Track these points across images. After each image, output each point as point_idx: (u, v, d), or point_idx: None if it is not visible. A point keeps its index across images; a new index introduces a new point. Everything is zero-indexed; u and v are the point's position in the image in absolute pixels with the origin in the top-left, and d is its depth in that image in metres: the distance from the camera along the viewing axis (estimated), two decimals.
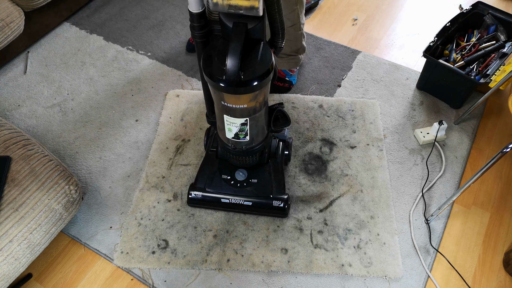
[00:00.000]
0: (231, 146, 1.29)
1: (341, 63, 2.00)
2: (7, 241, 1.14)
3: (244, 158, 1.36)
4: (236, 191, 1.41)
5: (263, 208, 1.42)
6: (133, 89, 1.90)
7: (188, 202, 1.46)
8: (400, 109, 1.82)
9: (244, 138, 1.23)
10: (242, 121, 1.16)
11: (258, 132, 1.26)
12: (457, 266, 1.40)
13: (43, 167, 1.27)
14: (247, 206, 1.41)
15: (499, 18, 1.80)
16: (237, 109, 1.12)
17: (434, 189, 1.57)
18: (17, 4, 1.84)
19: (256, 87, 1.04)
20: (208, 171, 1.45)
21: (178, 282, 1.35)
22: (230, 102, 1.10)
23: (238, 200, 1.40)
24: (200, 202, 1.44)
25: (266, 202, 1.41)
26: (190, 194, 1.43)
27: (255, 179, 1.42)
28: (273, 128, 1.31)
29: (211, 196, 1.42)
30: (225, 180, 1.42)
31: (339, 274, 1.36)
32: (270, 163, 1.44)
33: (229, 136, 1.24)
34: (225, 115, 1.16)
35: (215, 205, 1.45)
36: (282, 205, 1.40)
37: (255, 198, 1.41)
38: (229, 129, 1.20)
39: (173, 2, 2.32)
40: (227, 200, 1.41)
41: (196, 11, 1.04)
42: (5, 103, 1.85)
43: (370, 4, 2.34)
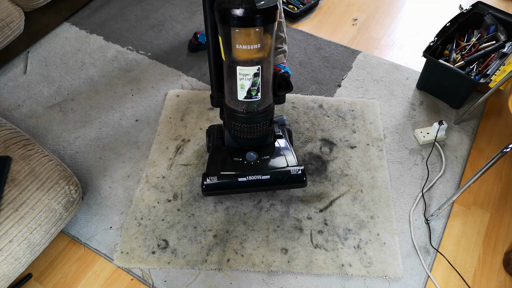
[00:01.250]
0: (243, 110, 1.29)
1: (341, 63, 2.00)
2: (7, 241, 1.14)
3: (256, 127, 1.35)
4: (251, 168, 1.39)
5: (282, 179, 1.38)
6: (133, 89, 1.90)
7: (203, 191, 1.38)
8: (400, 109, 1.82)
9: (256, 96, 1.25)
10: (255, 70, 1.18)
11: (267, 91, 1.28)
12: (457, 266, 1.40)
13: (43, 167, 1.27)
14: (266, 181, 1.37)
15: (499, 18, 1.80)
16: (251, 51, 1.15)
17: (434, 189, 1.57)
18: (17, 4, 1.84)
19: (270, 17, 1.09)
20: (219, 158, 1.43)
21: (178, 282, 1.35)
22: (243, 43, 1.13)
23: (256, 176, 1.37)
24: (217, 187, 1.38)
25: (284, 171, 1.38)
26: (204, 180, 1.37)
27: (266, 156, 1.42)
28: (277, 92, 1.33)
29: (228, 177, 1.37)
30: (237, 162, 1.41)
31: (339, 274, 1.36)
32: (277, 142, 1.47)
33: (242, 96, 1.25)
34: (238, 67, 1.18)
35: (233, 187, 1.39)
36: (300, 172, 1.38)
37: (272, 170, 1.38)
38: (241, 85, 1.22)
39: (173, 2, 2.32)
40: (244, 178, 1.37)
41: None
42: (5, 103, 1.85)
43: (370, 4, 2.34)
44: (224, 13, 1.08)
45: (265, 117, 1.34)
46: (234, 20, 1.08)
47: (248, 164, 1.40)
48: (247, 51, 1.15)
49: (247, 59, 1.18)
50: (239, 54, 1.17)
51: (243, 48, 1.15)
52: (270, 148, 1.45)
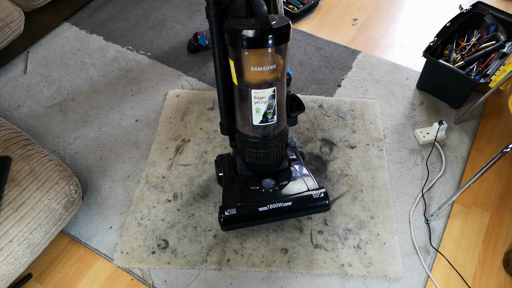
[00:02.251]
0: (259, 135, 1.24)
1: (341, 63, 2.00)
2: (7, 241, 1.14)
3: (273, 151, 1.29)
4: (270, 196, 1.32)
5: (304, 204, 1.31)
6: (133, 89, 1.90)
7: (222, 225, 1.29)
8: (400, 109, 1.82)
9: (272, 119, 1.21)
10: (270, 92, 1.15)
11: (282, 113, 1.24)
12: (457, 266, 1.40)
13: (43, 167, 1.27)
14: (288, 208, 1.30)
15: (499, 18, 1.80)
16: (265, 73, 1.11)
17: (434, 189, 1.57)
18: (17, 4, 1.84)
19: (284, 37, 1.06)
20: (234, 188, 1.35)
21: (178, 282, 1.35)
22: (258, 64, 1.09)
23: (277, 204, 1.30)
24: (237, 219, 1.30)
25: (305, 196, 1.31)
26: (223, 214, 1.28)
27: (284, 181, 1.35)
28: (290, 114, 1.29)
29: (247, 208, 1.30)
30: (255, 191, 1.33)
31: (339, 274, 1.36)
32: (292, 165, 1.41)
33: (257, 121, 1.20)
34: (253, 91, 1.14)
35: (253, 218, 1.31)
36: (323, 195, 1.31)
37: (292, 196, 1.31)
38: (257, 109, 1.18)
39: (173, 2, 2.32)
40: (265, 207, 1.29)
41: None
42: (5, 103, 1.85)
43: (370, 4, 2.34)
44: (235, 35, 1.04)
45: (281, 140, 1.29)
46: (248, 42, 1.04)
47: (267, 192, 1.33)
48: (262, 73, 1.11)
49: (262, 82, 1.13)
50: (253, 77, 1.13)
51: (258, 70, 1.10)
52: (287, 173, 1.38)
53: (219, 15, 1.11)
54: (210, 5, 1.09)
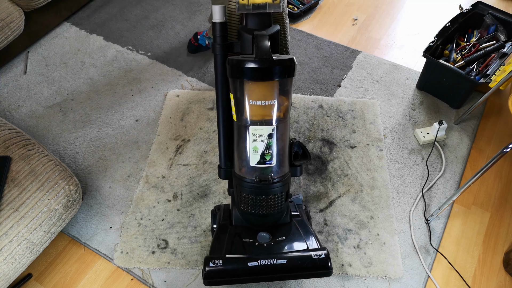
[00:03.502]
0: (255, 178, 1.14)
1: (341, 63, 2.00)
2: (7, 241, 1.14)
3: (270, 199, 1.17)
4: (264, 251, 1.17)
5: (302, 264, 1.15)
6: (133, 89, 1.90)
7: (204, 278, 1.12)
8: (400, 109, 1.82)
9: (270, 162, 1.13)
10: (269, 131, 1.09)
11: (282, 157, 1.16)
12: (457, 266, 1.40)
13: (43, 167, 1.27)
14: (282, 266, 1.14)
15: (499, 18, 1.80)
16: (265, 108, 1.07)
17: (434, 189, 1.57)
18: (17, 4, 1.84)
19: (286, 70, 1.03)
20: (224, 239, 1.22)
21: (178, 282, 1.35)
22: (257, 98, 1.06)
23: (269, 261, 1.14)
24: (222, 273, 1.14)
25: (303, 255, 1.16)
26: (207, 266, 1.12)
27: (282, 237, 1.21)
28: (295, 162, 1.22)
29: (235, 262, 1.15)
30: (247, 244, 1.19)
31: (339, 274, 1.36)
32: (293, 221, 1.27)
33: (254, 161, 1.13)
34: (251, 127, 1.09)
35: (241, 274, 1.15)
36: (323, 256, 1.15)
37: (289, 254, 1.16)
38: (254, 148, 1.11)
39: (173, 2, 2.32)
40: (255, 262, 1.14)
41: (220, 21, 1.10)
42: (5, 103, 1.85)
43: (370, 4, 2.34)
44: (237, 65, 1.03)
45: (280, 187, 1.17)
46: (245, 71, 1.02)
47: (260, 246, 1.18)
48: (261, 107, 1.07)
49: (261, 118, 1.09)
50: (252, 111, 1.08)
51: (256, 104, 1.06)
52: (286, 229, 1.24)
53: (225, 50, 1.12)
54: (216, 39, 1.11)
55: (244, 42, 1.11)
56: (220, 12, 1.10)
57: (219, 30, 1.11)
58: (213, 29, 1.11)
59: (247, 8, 1.04)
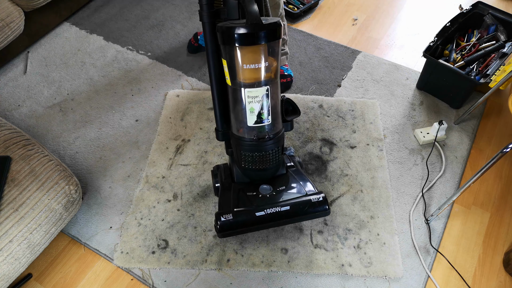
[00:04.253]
0: (254, 137, 1.23)
1: (341, 63, 2.00)
2: (7, 241, 1.14)
3: (269, 154, 1.27)
4: (268, 201, 1.28)
5: (303, 208, 1.27)
6: (133, 89, 1.90)
7: (218, 232, 1.25)
8: (400, 109, 1.82)
9: (267, 119, 1.20)
10: (264, 92, 1.15)
11: (276, 114, 1.24)
12: (457, 266, 1.40)
13: (43, 167, 1.27)
14: (286, 212, 1.26)
15: (499, 18, 1.80)
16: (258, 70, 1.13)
17: (434, 189, 1.57)
18: (17, 4, 1.84)
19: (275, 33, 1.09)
20: (230, 195, 1.32)
21: (178, 282, 1.35)
22: (250, 62, 1.11)
23: (274, 209, 1.26)
24: (233, 225, 1.25)
25: (304, 200, 1.28)
26: (219, 220, 1.24)
27: (282, 187, 1.32)
28: (286, 117, 1.30)
29: (244, 214, 1.26)
30: (251, 197, 1.30)
31: (339, 274, 1.36)
32: (290, 171, 1.38)
33: (251, 121, 1.20)
34: (246, 90, 1.15)
35: (251, 223, 1.27)
36: (321, 199, 1.28)
37: (291, 200, 1.28)
38: (251, 109, 1.18)
39: (173, 2, 2.32)
40: (262, 212, 1.25)
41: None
42: (5, 103, 1.85)
43: (370, 4, 2.34)
44: (228, 32, 1.07)
45: (277, 143, 1.26)
46: (239, 38, 1.06)
47: (264, 198, 1.30)
48: (254, 70, 1.13)
49: (255, 81, 1.15)
50: (246, 76, 1.14)
51: (250, 68, 1.12)
52: (284, 179, 1.35)
53: (212, 17, 1.15)
54: (203, 7, 1.13)
55: (229, 7, 1.14)
56: None
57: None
58: None
59: None
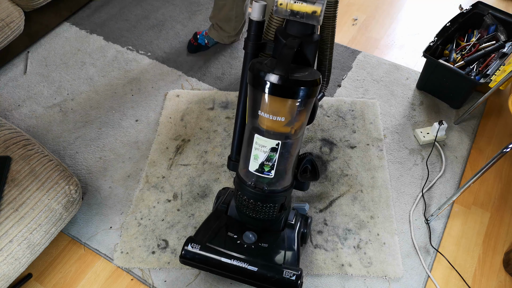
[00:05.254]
0: (251, 183, 1.15)
1: (341, 63, 2.00)
2: (7, 241, 1.14)
3: (261, 207, 1.18)
4: (241, 252, 1.19)
5: (269, 279, 1.15)
6: (133, 89, 1.90)
7: (180, 257, 1.19)
8: (400, 109, 1.82)
9: (268, 173, 1.12)
10: (273, 145, 1.07)
11: (283, 172, 1.15)
12: (457, 266, 1.40)
13: (43, 167, 1.27)
14: (250, 273, 1.16)
15: (499, 18, 1.80)
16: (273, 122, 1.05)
17: (434, 189, 1.57)
18: (17, 4, 1.84)
19: (300, 93, 0.99)
20: (213, 225, 1.25)
21: (178, 282, 1.35)
22: (268, 111, 1.03)
23: (241, 263, 1.16)
24: (196, 258, 1.19)
25: (274, 271, 1.15)
26: (186, 245, 1.18)
27: (265, 244, 1.21)
28: (300, 178, 1.22)
29: (212, 252, 1.18)
30: (230, 238, 1.22)
31: (339, 274, 1.36)
32: (285, 231, 1.26)
33: (253, 168, 1.13)
34: (256, 135, 1.08)
35: (213, 265, 1.19)
36: (294, 278, 1.14)
37: (262, 263, 1.17)
38: (255, 156, 1.10)
39: (173, 2, 2.32)
40: (228, 260, 1.17)
41: (257, 19, 1.06)
42: (5, 103, 1.85)
43: (370, 4, 2.34)
44: (256, 74, 1.00)
45: (273, 199, 1.17)
46: (262, 84, 0.99)
47: (240, 246, 1.20)
48: (267, 120, 1.04)
49: (269, 130, 1.07)
50: (261, 121, 1.06)
51: (263, 116, 1.04)
52: (274, 237, 1.24)
53: (257, 49, 1.09)
54: (250, 37, 1.07)
55: (277, 45, 1.07)
56: (260, 10, 1.05)
57: (254, 29, 1.07)
58: (248, 26, 1.08)
59: (284, 14, 0.99)
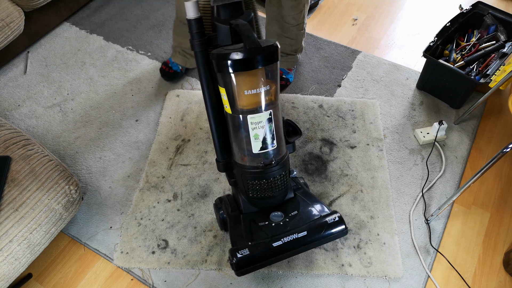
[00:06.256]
0: (261, 164, 1.17)
1: (341, 63, 2.00)
2: (7, 241, 1.14)
3: (277, 180, 1.21)
4: (282, 229, 1.21)
5: (321, 231, 1.21)
6: (133, 89, 1.90)
7: (236, 269, 1.16)
8: (400, 109, 1.82)
9: (272, 144, 1.15)
10: (267, 116, 1.11)
11: (280, 138, 1.19)
12: (457, 266, 1.40)
13: (43, 167, 1.27)
14: (304, 238, 1.19)
15: (499, 18, 1.80)
16: (260, 95, 1.08)
17: (434, 189, 1.57)
18: (17, 4, 1.84)
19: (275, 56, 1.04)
20: (241, 229, 1.24)
21: (178, 282, 1.35)
22: (252, 87, 1.06)
23: (291, 236, 1.18)
24: (251, 260, 1.16)
25: (320, 223, 1.21)
26: (235, 256, 1.15)
27: (294, 211, 1.26)
28: (288, 139, 1.25)
29: (260, 246, 1.18)
30: (265, 226, 1.23)
31: (339, 274, 1.36)
32: (298, 194, 1.33)
33: (257, 148, 1.14)
34: (249, 116, 1.10)
35: (269, 256, 1.18)
36: (338, 219, 1.22)
37: (306, 225, 1.21)
38: (255, 135, 1.13)
39: (173, 2, 2.31)
40: (279, 242, 1.18)
41: (194, 17, 1.07)
42: (5, 103, 1.85)
43: (370, 4, 2.34)
44: (224, 59, 1.01)
45: (283, 167, 1.21)
46: (239, 64, 1.01)
47: (278, 226, 1.22)
48: (256, 95, 1.08)
49: (257, 106, 1.10)
50: (248, 101, 1.09)
51: (252, 93, 1.07)
52: (294, 203, 1.28)
53: (204, 45, 1.09)
54: (194, 36, 1.08)
55: (221, 33, 1.09)
56: (194, 7, 1.06)
57: (196, 27, 1.08)
58: (189, 26, 1.08)
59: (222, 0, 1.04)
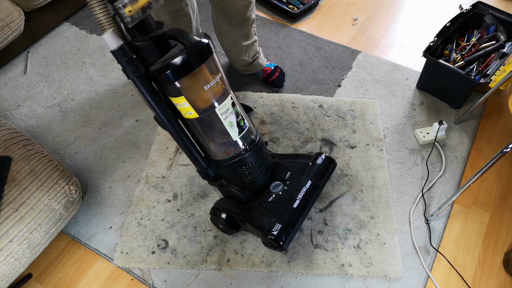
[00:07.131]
0: (245, 147, 1.23)
1: (341, 63, 2.00)
2: (7, 241, 1.14)
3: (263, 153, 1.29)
4: (292, 191, 1.31)
5: (320, 172, 1.36)
6: (133, 89, 1.90)
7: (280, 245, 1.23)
8: (400, 109, 1.82)
9: (245, 125, 1.21)
10: (230, 101, 1.15)
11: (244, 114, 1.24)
12: (457, 266, 1.40)
13: (43, 167, 1.27)
14: (313, 186, 1.32)
15: (499, 18, 1.80)
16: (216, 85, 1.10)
17: (434, 189, 1.57)
18: (17, 4, 1.84)
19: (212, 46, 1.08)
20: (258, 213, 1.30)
21: (178, 282, 1.35)
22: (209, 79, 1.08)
23: (302, 191, 1.30)
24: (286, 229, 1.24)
25: (317, 167, 1.36)
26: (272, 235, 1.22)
27: (287, 173, 1.35)
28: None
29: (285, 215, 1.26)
30: (275, 199, 1.30)
31: (339, 274, 1.36)
32: (277, 159, 1.41)
33: (236, 134, 1.19)
34: (216, 108, 1.12)
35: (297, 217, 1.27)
36: (325, 156, 1.39)
37: (306, 176, 1.34)
38: (230, 123, 1.16)
39: None
40: (297, 201, 1.28)
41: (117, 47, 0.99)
42: (5, 103, 1.85)
43: (370, 4, 2.34)
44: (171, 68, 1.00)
45: (260, 137, 1.29)
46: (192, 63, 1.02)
47: (285, 192, 1.31)
48: (216, 85, 1.10)
49: (218, 96, 1.12)
50: (211, 93, 1.10)
51: (211, 85, 1.08)
52: (281, 167, 1.37)
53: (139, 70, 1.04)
54: (124, 65, 1.02)
55: (148, 52, 1.05)
56: (112, 37, 0.97)
57: (122, 56, 1.00)
58: (115, 58, 1.02)
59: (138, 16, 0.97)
